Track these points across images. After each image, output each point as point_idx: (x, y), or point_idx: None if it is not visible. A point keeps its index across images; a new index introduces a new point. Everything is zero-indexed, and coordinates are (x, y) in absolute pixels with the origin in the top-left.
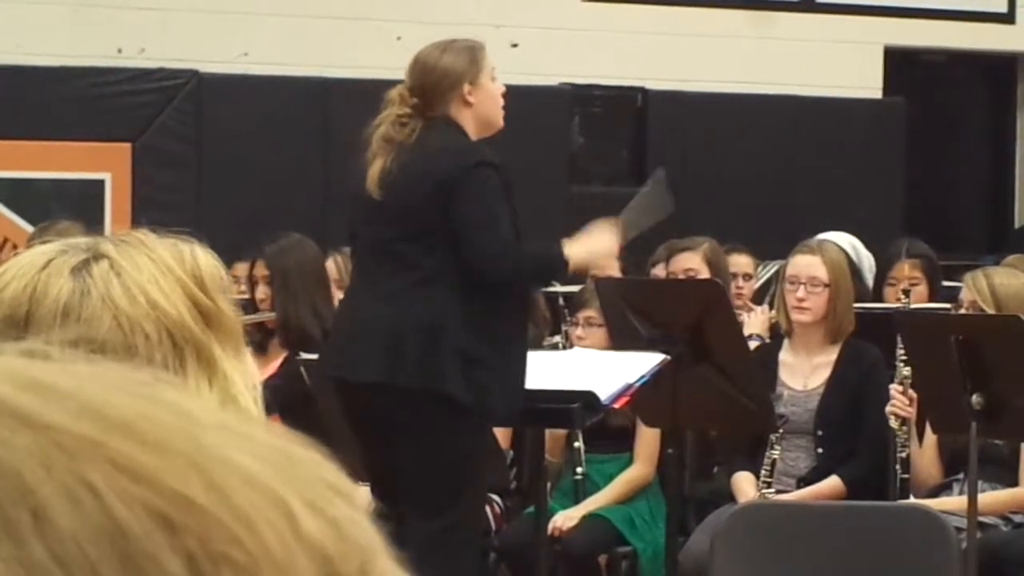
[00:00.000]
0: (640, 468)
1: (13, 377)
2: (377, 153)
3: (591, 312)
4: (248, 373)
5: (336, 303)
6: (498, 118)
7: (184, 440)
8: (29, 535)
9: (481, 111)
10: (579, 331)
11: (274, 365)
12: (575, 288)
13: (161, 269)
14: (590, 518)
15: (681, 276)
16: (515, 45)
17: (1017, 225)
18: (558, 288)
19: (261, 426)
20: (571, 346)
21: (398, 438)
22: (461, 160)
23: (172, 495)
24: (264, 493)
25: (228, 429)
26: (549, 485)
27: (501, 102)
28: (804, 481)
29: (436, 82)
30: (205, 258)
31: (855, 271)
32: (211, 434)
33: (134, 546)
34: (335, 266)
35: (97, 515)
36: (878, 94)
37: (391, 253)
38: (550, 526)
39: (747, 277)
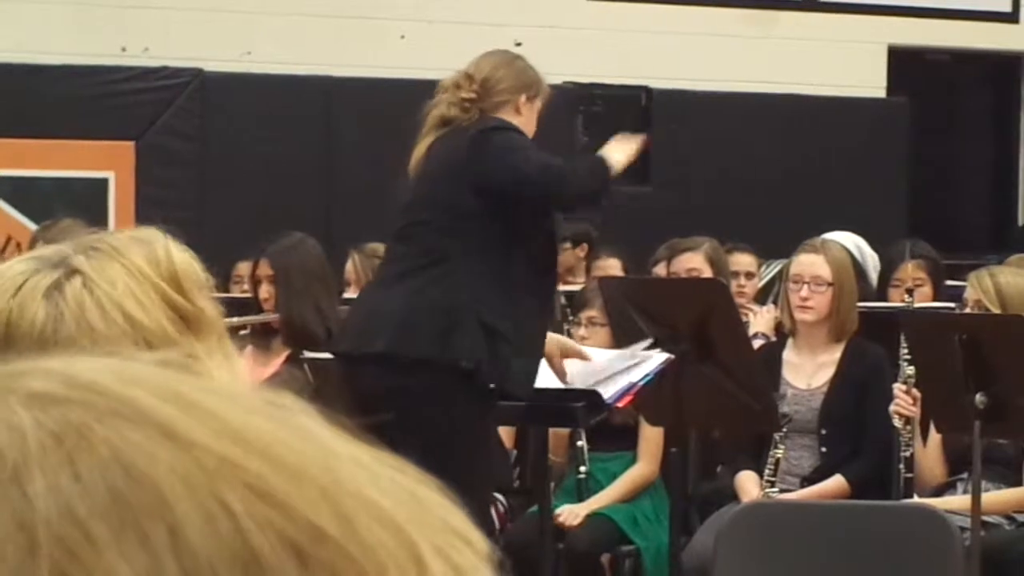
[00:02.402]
0: (644, 467)
1: (157, 388)
2: (425, 133)
3: (594, 312)
4: (236, 370)
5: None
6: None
7: (320, 470)
8: (164, 551)
9: (525, 126)
10: (582, 331)
11: (277, 363)
12: (577, 288)
13: (135, 277)
14: (594, 517)
15: (684, 276)
16: (518, 44)
17: (1021, 223)
18: (561, 288)
19: (391, 462)
20: None
21: (401, 416)
22: (475, 127)
23: (306, 525)
24: (395, 534)
25: (361, 463)
26: (552, 484)
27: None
28: (808, 480)
29: (500, 79)
30: (180, 256)
31: (859, 271)
32: (346, 467)
33: (266, 574)
34: (353, 266)
35: (232, 539)
36: (882, 93)
37: (407, 237)
38: (554, 518)
39: (749, 276)
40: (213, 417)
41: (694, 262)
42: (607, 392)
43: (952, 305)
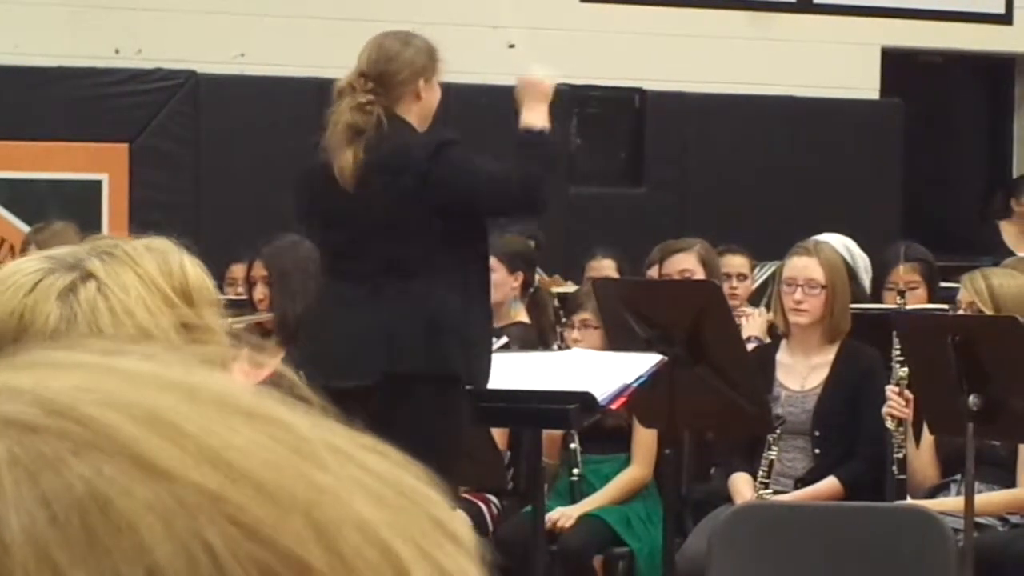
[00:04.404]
0: (637, 469)
1: (134, 409)
2: (341, 144)
3: (587, 315)
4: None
5: None
6: (431, 116)
7: (304, 487)
8: None
9: (427, 107)
10: (575, 334)
11: (271, 365)
12: (571, 290)
13: (148, 287)
14: (586, 518)
15: (677, 277)
16: (512, 45)
17: None
18: (554, 290)
19: (375, 447)
20: (567, 348)
21: (397, 430)
22: (424, 151)
23: (290, 558)
24: (380, 549)
25: (343, 456)
26: (545, 487)
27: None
28: (801, 482)
29: (396, 71)
30: (193, 270)
31: (851, 273)
32: (329, 471)
33: None
34: None
35: None
36: (875, 95)
37: (371, 252)
38: (547, 520)
39: (741, 277)
40: (192, 440)
41: (687, 263)
42: (601, 394)
43: (945, 307)
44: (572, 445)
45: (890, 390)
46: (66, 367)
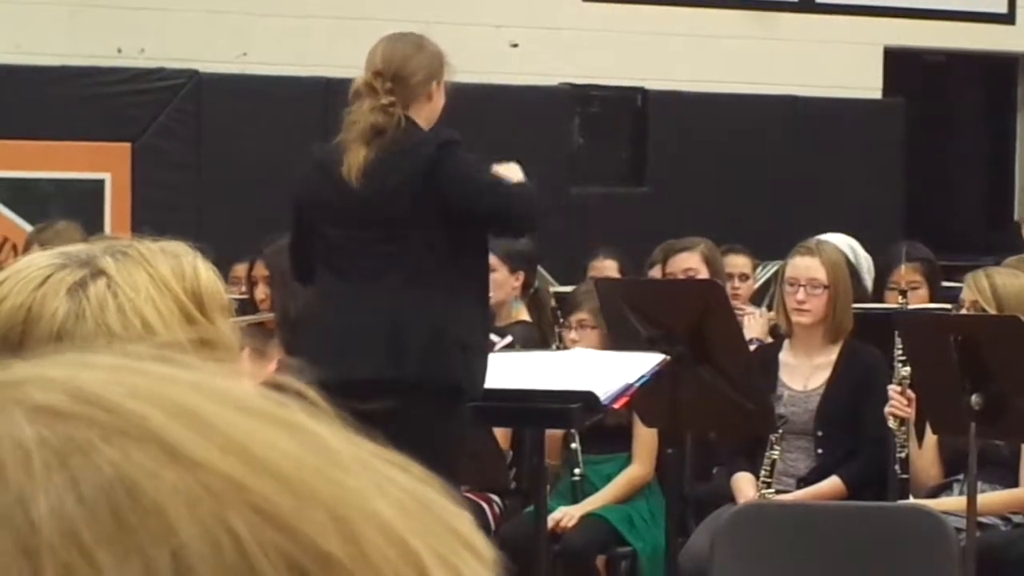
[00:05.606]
0: (638, 468)
1: (161, 401)
2: (358, 142)
3: (584, 315)
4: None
5: None
6: (436, 118)
7: (326, 484)
8: None
9: (435, 109)
10: (572, 334)
11: (274, 364)
12: (569, 289)
13: (159, 288)
14: (589, 518)
15: (680, 276)
16: (515, 45)
17: (1016, 219)
18: (552, 290)
19: (395, 459)
20: (564, 348)
21: (395, 435)
22: (425, 150)
23: (311, 548)
24: (400, 548)
25: (366, 465)
26: (547, 487)
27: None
28: (804, 481)
29: (412, 72)
30: (206, 274)
31: (854, 272)
32: (351, 474)
33: None
34: None
35: (237, 564)
36: (878, 94)
37: (373, 254)
38: (550, 521)
39: (743, 277)
40: (218, 432)
41: (691, 262)
42: (603, 393)
43: (947, 306)
44: (573, 445)
45: (892, 390)
46: (95, 365)
